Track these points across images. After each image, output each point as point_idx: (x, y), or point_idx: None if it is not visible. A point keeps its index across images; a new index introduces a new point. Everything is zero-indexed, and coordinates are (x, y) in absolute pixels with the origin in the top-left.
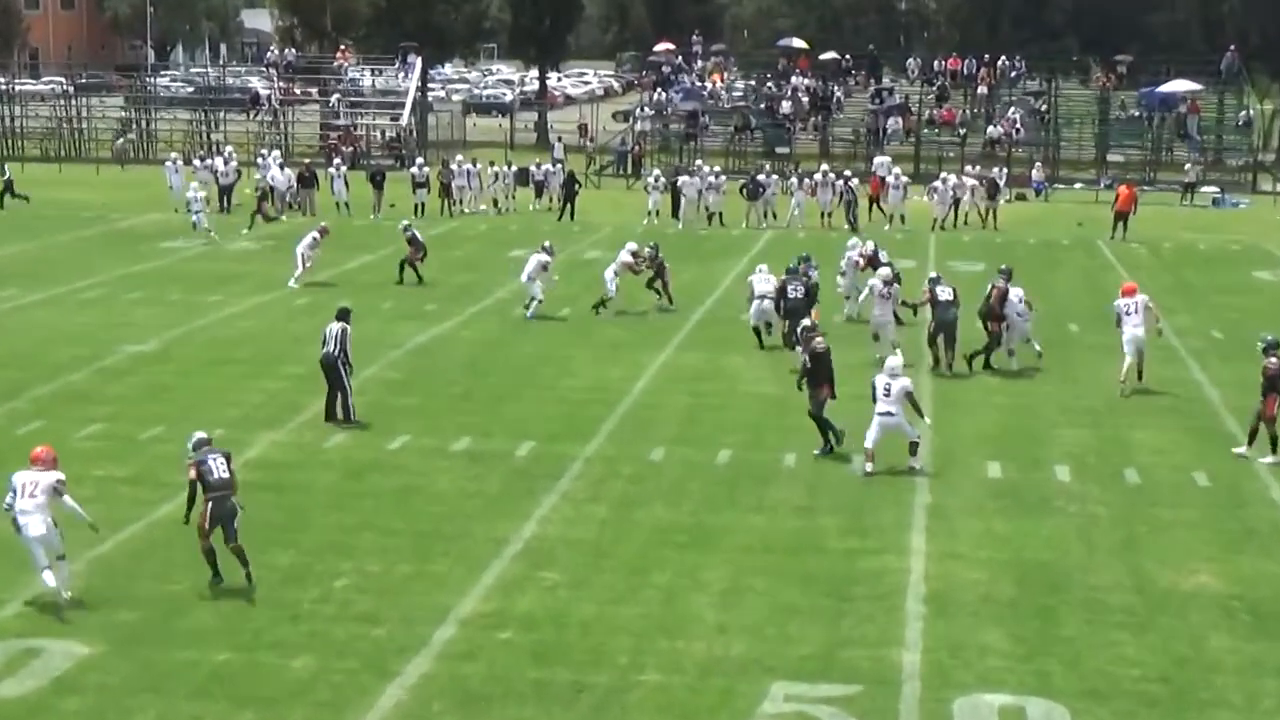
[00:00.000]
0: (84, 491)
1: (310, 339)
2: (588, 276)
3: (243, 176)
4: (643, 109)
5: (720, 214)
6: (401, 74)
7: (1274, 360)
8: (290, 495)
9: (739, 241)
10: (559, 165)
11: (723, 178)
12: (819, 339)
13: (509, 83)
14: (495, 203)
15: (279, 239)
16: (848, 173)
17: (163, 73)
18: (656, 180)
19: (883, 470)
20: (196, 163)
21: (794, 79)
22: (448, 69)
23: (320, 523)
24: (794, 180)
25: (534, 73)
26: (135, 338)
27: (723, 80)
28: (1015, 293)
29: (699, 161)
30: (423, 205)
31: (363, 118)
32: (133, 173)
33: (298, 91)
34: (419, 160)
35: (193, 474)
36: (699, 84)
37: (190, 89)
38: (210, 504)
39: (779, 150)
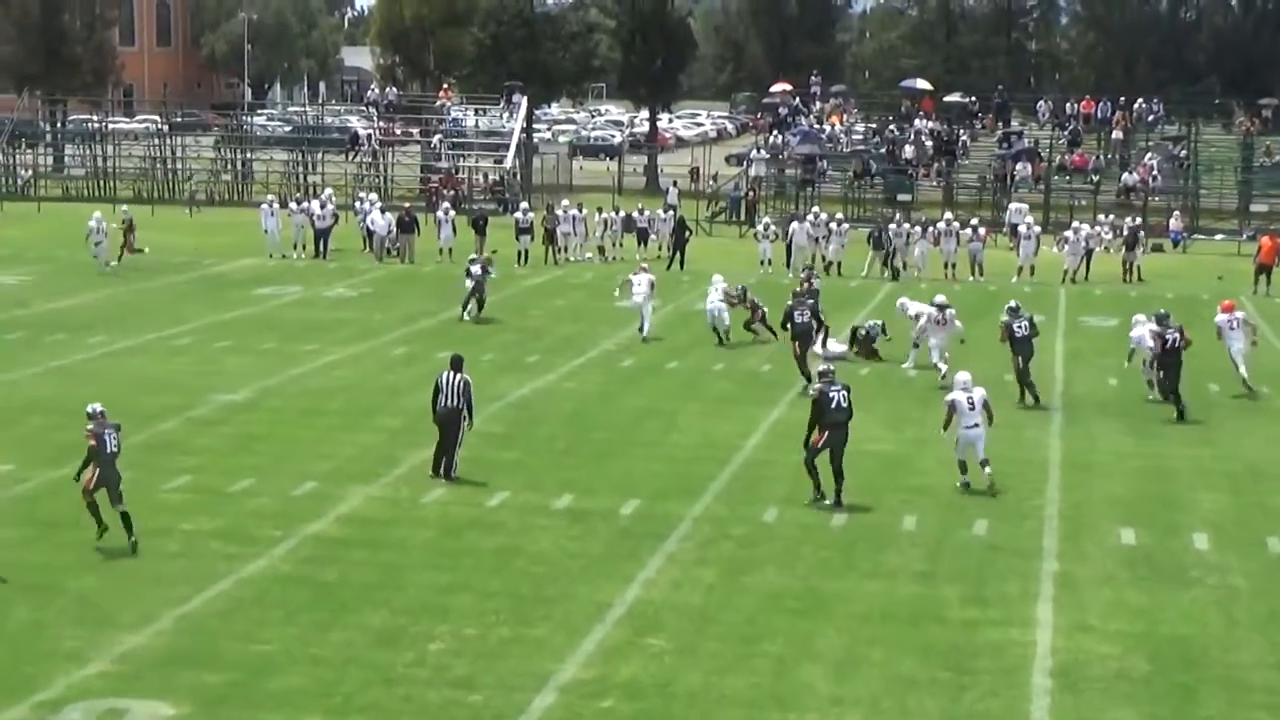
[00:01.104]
0: (171, 546)
1: (408, 390)
2: (696, 329)
3: (340, 220)
4: (758, 151)
5: (839, 264)
6: (506, 114)
7: None
8: (384, 553)
9: (856, 293)
10: (671, 211)
11: (844, 226)
12: (820, 386)
13: (618, 124)
14: (601, 250)
15: (377, 285)
16: (974, 221)
17: (259, 111)
18: (767, 229)
19: (1005, 534)
20: (293, 205)
21: (917, 122)
22: (554, 109)
23: (415, 582)
24: (916, 229)
25: (644, 113)
26: (226, 387)
27: (842, 123)
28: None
29: (815, 208)
30: (526, 252)
31: (465, 160)
32: (227, 215)
33: (398, 132)
34: (523, 205)
35: (92, 443)
36: (817, 126)
37: (287, 128)
38: (99, 470)
39: (900, 197)
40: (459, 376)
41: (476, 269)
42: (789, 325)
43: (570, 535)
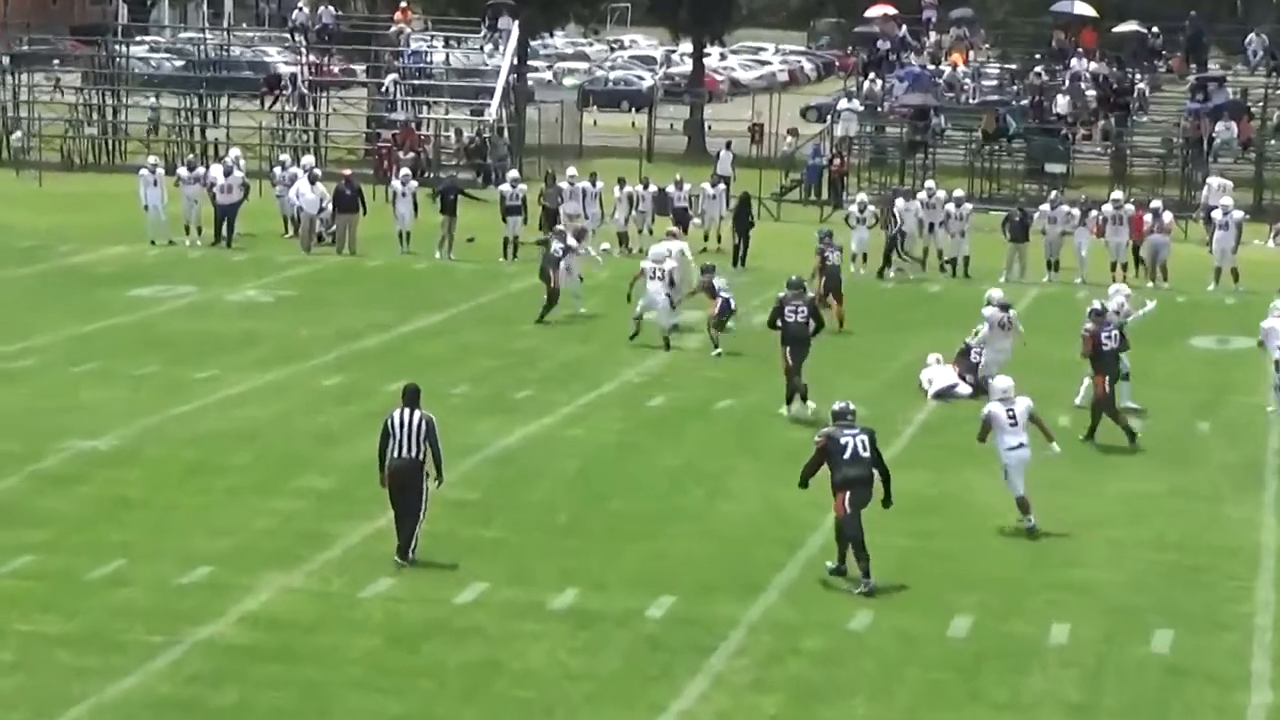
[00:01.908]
0: (2, 655)
1: (344, 437)
2: (755, 349)
3: (252, 193)
4: (847, 102)
5: (964, 260)
6: (489, 46)
7: None
8: (306, 668)
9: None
10: (721, 185)
11: (966, 207)
12: (831, 430)
13: (648, 62)
14: (623, 239)
15: (303, 285)
16: (1156, 204)
17: (139, 39)
18: (863, 210)
19: (1197, 653)
20: (183, 171)
21: (1075, 62)
22: (558, 40)
23: (349, 710)
24: (1074, 212)
25: (685, 47)
26: (86, 429)
27: (967, 63)
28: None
29: (930, 182)
30: (516, 240)
31: (431, 110)
32: (91, 184)
33: (335, 70)
34: (511, 174)
35: None
36: (932, 68)
37: (178, 63)
38: None
39: (1050, 168)
40: (418, 415)
41: (560, 245)
42: (778, 325)
43: (573, 647)
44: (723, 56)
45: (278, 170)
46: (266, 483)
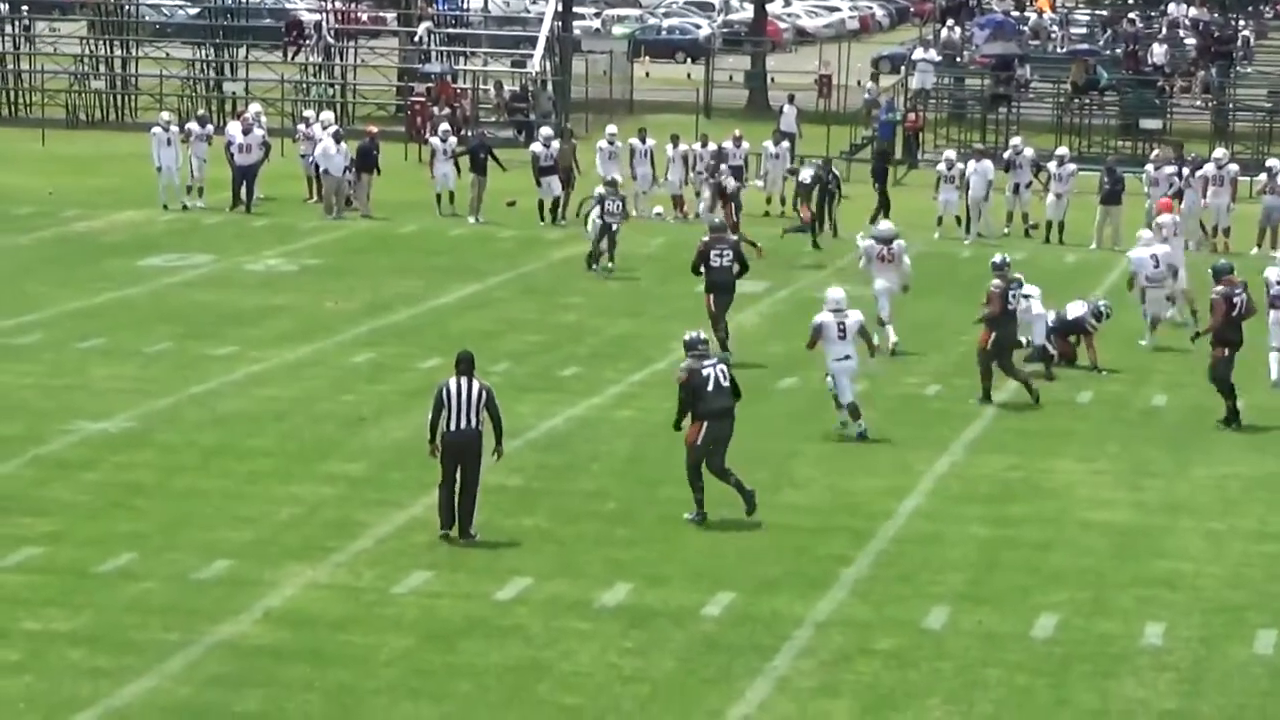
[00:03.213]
0: (8, 654)
1: (375, 417)
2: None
3: (273, 153)
4: (923, 52)
5: (1059, 224)
6: None
7: None
8: (335, 671)
9: (1077, 271)
10: (785, 143)
11: (1069, 167)
12: (689, 363)
13: (704, 8)
14: (678, 202)
15: (329, 253)
16: (1273, 162)
17: None
18: (950, 168)
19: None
20: (194, 127)
21: (1172, 8)
22: None
23: (381, 717)
24: (1169, 173)
25: None
26: (94, 410)
27: (1054, 9)
28: None
29: (1016, 140)
30: (560, 203)
31: (468, 61)
32: (99, 143)
33: (364, 18)
34: (544, 131)
35: None
36: (1015, 14)
37: (193, 11)
38: None
39: (1146, 124)
40: (475, 384)
41: (614, 204)
42: (702, 271)
43: (624, 647)
44: (787, 2)
45: (301, 128)
46: (291, 468)
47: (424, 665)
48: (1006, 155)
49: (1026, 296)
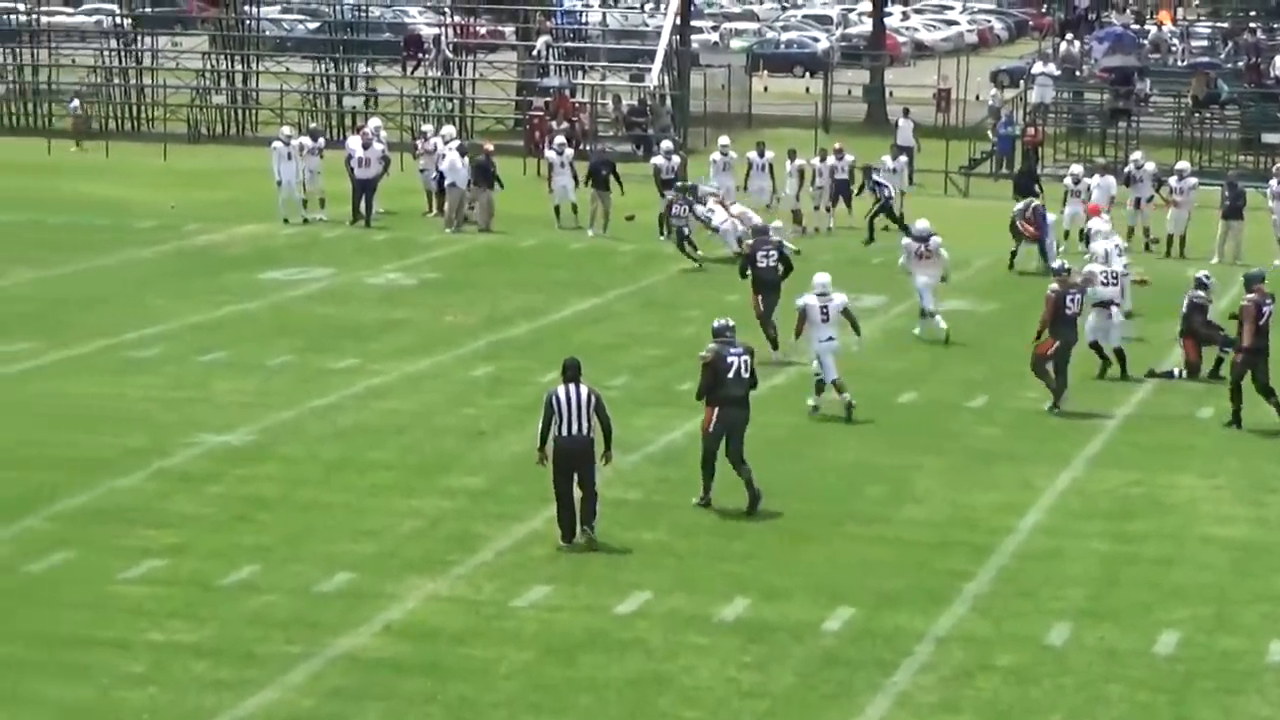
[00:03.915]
0: (131, 665)
1: (494, 431)
2: (952, 335)
3: (393, 167)
4: (1042, 66)
5: (1180, 239)
6: (649, 5)
7: None
8: (455, 684)
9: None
10: (903, 157)
11: (1190, 181)
12: (715, 346)
13: (823, 21)
14: (797, 217)
15: (449, 267)
16: None
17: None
18: (1077, 183)
19: None
20: (306, 141)
21: None
22: None
23: None
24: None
25: (864, 5)
26: (216, 423)
27: (1175, 21)
28: None
29: (1136, 154)
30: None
31: (586, 75)
32: (220, 157)
33: (482, 32)
34: (665, 144)
35: None
36: (1135, 27)
37: (313, 25)
38: None
39: (1268, 138)
40: (584, 389)
41: (680, 209)
42: (749, 272)
43: (743, 662)
44: (905, 16)
45: (420, 142)
46: (411, 481)
47: (544, 679)
48: (1127, 170)
49: (1114, 304)
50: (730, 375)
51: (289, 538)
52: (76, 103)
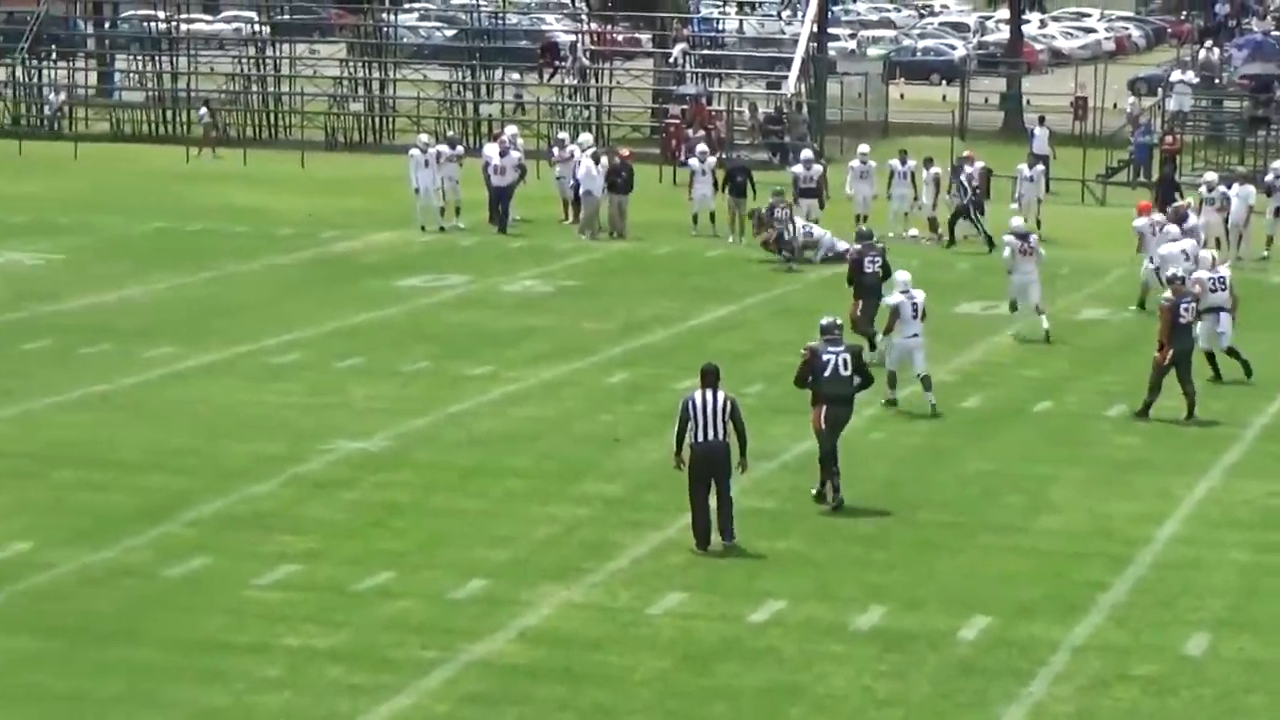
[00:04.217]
0: (268, 669)
1: (630, 438)
2: (1090, 344)
3: (529, 174)
4: (1180, 74)
5: None
6: (787, 12)
7: None
8: (591, 690)
9: None
10: (1039, 166)
11: None
12: (816, 345)
13: (960, 29)
14: (933, 225)
15: (585, 275)
16: None
17: (408, 7)
18: (1211, 191)
19: None
20: (444, 149)
21: None
22: (861, 5)
23: None
24: None
25: (1001, 13)
26: (352, 429)
27: None
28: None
29: (1277, 164)
30: (816, 224)
31: (723, 82)
32: (357, 165)
33: (619, 39)
34: (805, 153)
35: None
36: (1275, 34)
37: (449, 33)
38: None
39: None
40: (720, 395)
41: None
42: (857, 279)
43: (880, 670)
44: (1042, 24)
45: (556, 150)
46: (547, 488)
47: (679, 686)
48: (1267, 179)
49: (1223, 310)
50: (827, 373)
51: (424, 544)
52: (204, 111)
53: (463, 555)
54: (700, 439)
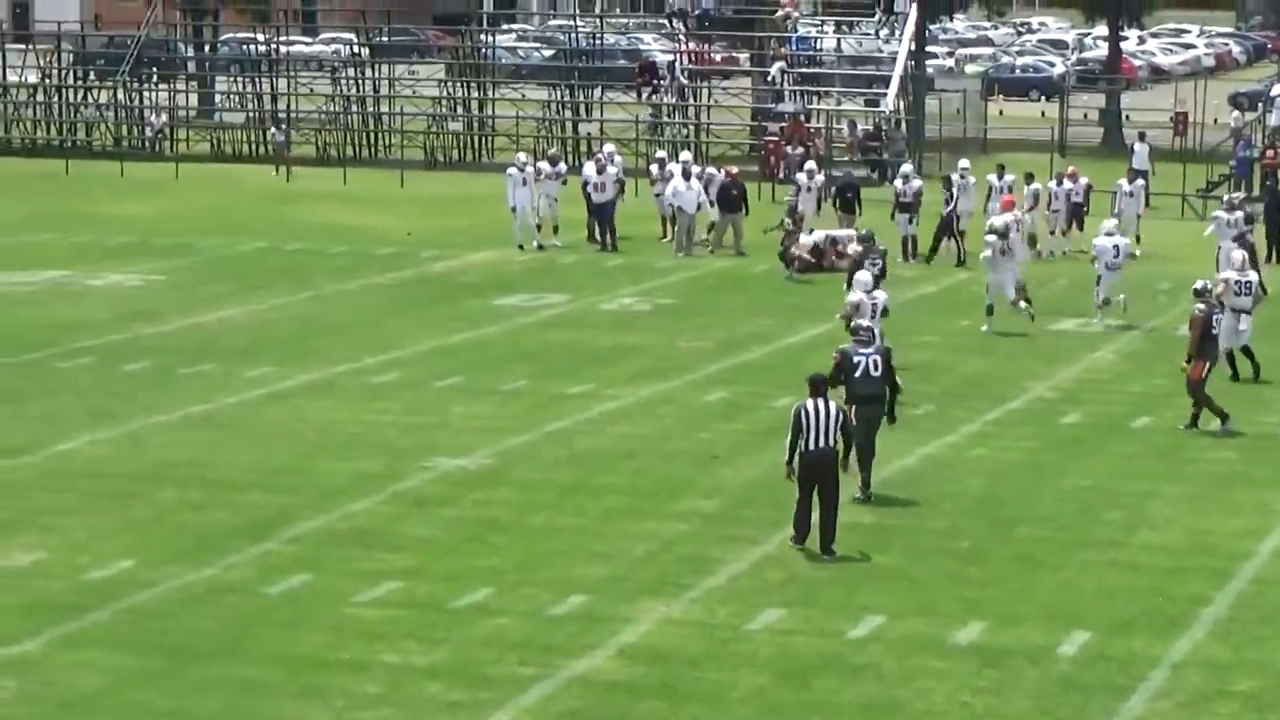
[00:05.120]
0: (367, 685)
1: (729, 456)
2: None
3: (626, 192)
4: None
5: None
6: (885, 30)
7: None
8: (690, 707)
9: None
10: (1139, 181)
11: None
12: (847, 347)
13: (1058, 46)
14: (1033, 240)
15: (683, 293)
16: None
17: (505, 27)
18: None
19: None
20: (544, 166)
21: None
22: (959, 23)
23: None
24: None
25: (1100, 29)
26: (451, 447)
27: None
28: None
29: None
30: (912, 240)
31: (821, 100)
32: (456, 184)
33: (717, 59)
34: (905, 168)
35: None
36: None
37: (548, 53)
38: None
39: None
40: (832, 405)
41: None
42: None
43: (978, 686)
44: (1141, 40)
45: (654, 168)
46: (645, 505)
47: (777, 702)
48: None
49: (1246, 313)
50: (858, 374)
51: (522, 561)
52: (274, 131)
53: (561, 572)
54: (812, 447)
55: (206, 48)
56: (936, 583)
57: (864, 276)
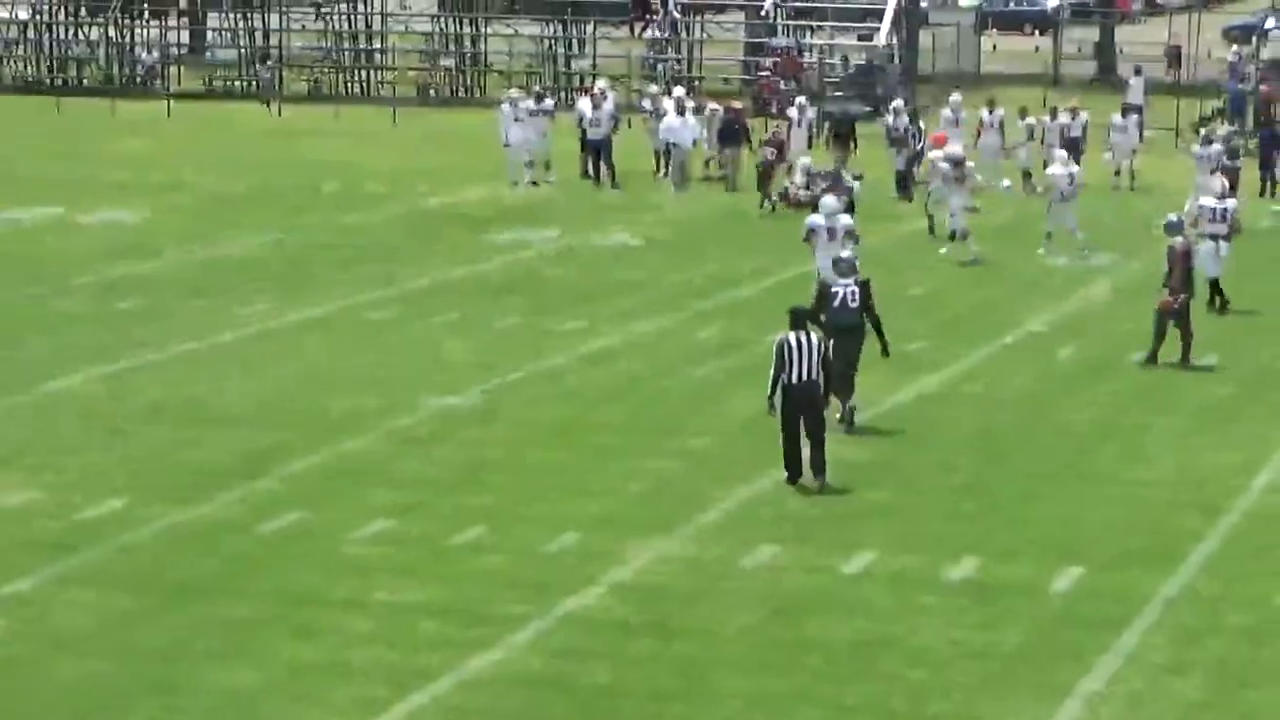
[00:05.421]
0: (360, 623)
1: (720, 391)
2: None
3: (620, 126)
4: (1276, 20)
5: None
6: None
7: None
8: (682, 643)
9: None
10: (1133, 115)
11: None
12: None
13: None
14: (1028, 175)
15: (677, 228)
16: None
17: None
18: None
19: None
20: (531, 103)
21: None
22: None
23: (729, 690)
24: None
25: None
26: (445, 384)
27: None
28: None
29: None
30: (905, 175)
31: (814, 35)
32: (449, 120)
33: None
34: (895, 104)
35: None
36: None
37: None
38: None
39: None
40: (814, 337)
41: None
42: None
43: (972, 622)
44: None
45: (647, 102)
46: (638, 442)
47: (770, 639)
48: None
49: (1221, 239)
50: (835, 304)
51: (515, 498)
52: (261, 68)
53: (554, 510)
54: (795, 380)
55: None
56: (930, 518)
57: (829, 200)
